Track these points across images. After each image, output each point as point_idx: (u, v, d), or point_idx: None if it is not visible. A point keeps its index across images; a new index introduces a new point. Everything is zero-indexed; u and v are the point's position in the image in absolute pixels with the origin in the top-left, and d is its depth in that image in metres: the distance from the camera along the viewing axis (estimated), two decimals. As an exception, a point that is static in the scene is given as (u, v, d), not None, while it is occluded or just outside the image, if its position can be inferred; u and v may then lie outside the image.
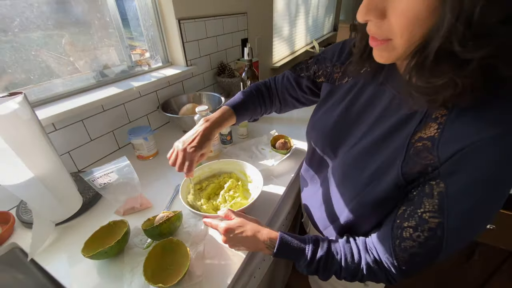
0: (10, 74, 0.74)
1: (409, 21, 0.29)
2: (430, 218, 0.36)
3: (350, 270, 0.45)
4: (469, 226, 0.35)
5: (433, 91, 0.31)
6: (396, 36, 0.32)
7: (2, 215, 0.66)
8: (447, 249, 0.37)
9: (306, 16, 2.89)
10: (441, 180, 0.34)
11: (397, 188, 0.39)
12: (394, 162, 0.39)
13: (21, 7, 0.73)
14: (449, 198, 0.34)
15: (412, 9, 0.29)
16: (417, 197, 0.37)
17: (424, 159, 0.35)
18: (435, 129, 0.35)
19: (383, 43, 0.34)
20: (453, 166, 0.33)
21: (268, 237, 0.48)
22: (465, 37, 0.26)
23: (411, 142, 0.37)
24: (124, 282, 0.52)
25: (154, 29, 1.10)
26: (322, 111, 0.58)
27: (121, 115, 0.95)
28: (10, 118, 0.53)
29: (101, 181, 0.63)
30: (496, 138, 0.30)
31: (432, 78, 0.30)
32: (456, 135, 0.33)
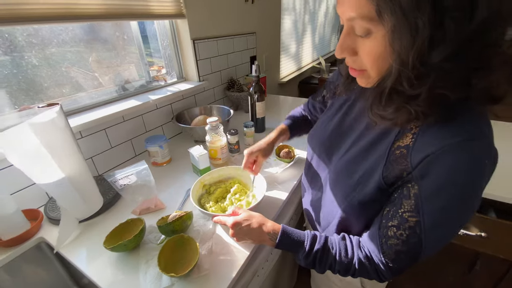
0: (45, 88, 0.85)
1: (374, 58, 0.37)
2: (409, 218, 0.41)
3: (343, 264, 0.49)
4: (443, 224, 0.39)
5: (390, 117, 0.38)
6: (368, 68, 0.39)
7: (32, 212, 0.74)
8: (426, 246, 0.41)
9: (313, 34, 3.01)
10: (415, 183, 0.39)
11: (380, 190, 0.44)
12: (377, 168, 0.44)
13: (59, 30, 0.85)
14: (423, 198, 0.39)
15: (373, 50, 0.36)
16: (398, 199, 0.42)
17: (401, 164, 0.41)
18: (410, 138, 0.41)
19: (360, 73, 0.42)
20: (422, 170, 0.38)
21: (272, 229, 0.54)
22: (410, 78, 0.33)
23: (391, 150, 0.43)
24: (140, 272, 0.58)
25: (170, 48, 1.21)
26: (321, 121, 0.66)
27: (139, 125, 1.04)
28: (48, 125, 0.61)
29: (121, 183, 0.70)
30: (458, 145, 0.35)
31: (386, 108, 0.38)
32: (424, 143, 0.38)
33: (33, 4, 0.70)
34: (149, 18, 1.02)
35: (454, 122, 0.36)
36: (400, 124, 0.39)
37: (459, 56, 0.31)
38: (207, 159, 0.87)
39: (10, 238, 0.66)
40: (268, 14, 1.83)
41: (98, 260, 0.62)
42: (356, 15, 0.35)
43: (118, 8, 0.89)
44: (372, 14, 0.33)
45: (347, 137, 0.55)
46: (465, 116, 0.36)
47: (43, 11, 0.72)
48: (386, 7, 0.31)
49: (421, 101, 0.35)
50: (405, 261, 0.44)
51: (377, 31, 0.35)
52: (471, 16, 0.29)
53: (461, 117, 0.36)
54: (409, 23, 0.30)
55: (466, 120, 0.36)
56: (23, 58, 0.77)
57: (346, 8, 0.36)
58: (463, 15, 0.29)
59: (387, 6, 0.31)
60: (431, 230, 0.40)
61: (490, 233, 0.84)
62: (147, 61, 1.15)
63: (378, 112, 0.40)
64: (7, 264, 0.66)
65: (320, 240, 0.52)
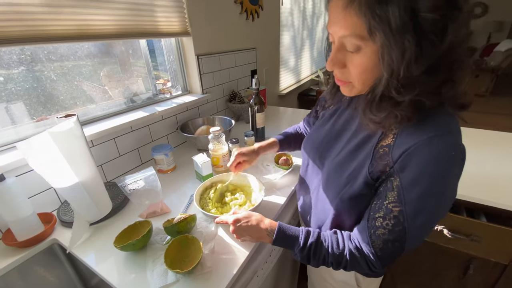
0: (61, 100, 0.92)
1: (361, 71, 0.44)
2: (393, 208, 0.46)
3: (335, 256, 0.53)
4: (422, 211, 0.44)
5: (379, 121, 0.45)
6: (354, 80, 0.46)
7: (46, 216, 0.79)
8: (410, 234, 0.46)
9: (311, 48, 3.13)
10: (396, 176, 0.45)
11: (367, 185, 0.49)
12: (364, 165, 0.50)
13: (75, 48, 0.93)
14: (403, 189, 0.44)
15: (362, 64, 0.43)
16: (383, 192, 0.48)
17: (384, 160, 0.46)
18: (391, 138, 0.47)
19: (345, 83, 0.49)
20: (402, 164, 0.44)
21: (269, 226, 0.59)
22: (398, 87, 0.40)
23: (375, 149, 0.49)
24: (147, 270, 0.62)
25: (176, 63, 1.30)
26: (313, 129, 0.72)
27: (145, 135, 1.11)
28: (66, 134, 0.67)
29: (130, 187, 0.75)
30: (428, 140, 0.41)
31: (377, 112, 0.44)
32: (402, 141, 0.44)
33: (54, 25, 0.78)
34: (157, 36, 1.10)
35: (426, 123, 0.43)
36: (387, 127, 0.45)
37: (433, 70, 0.38)
38: (209, 166, 0.92)
39: (26, 239, 0.71)
40: (268, 31, 1.93)
41: (108, 260, 0.67)
42: (349, 33, 0.41)
43: (129, 28, 0.98)
44: (364, 33, 0.39)
45: (337, 142, 0.61)
46: (436, 119, 0.43)
47: (62, 32, 0.80)
48: (378, 27, 0.37)
49: (404, 107, 0.41)
50: (392, 249, 0.48)
51: (367, 47, 0.41)
52: (442, 39, 0.36)
53: (432, 119, 0.43)
54: (398, 41, 0.37)
55: (436, 121, 0.43)
56: (43, 73, 0.85)
57: (339, 28, 0.42)
58: (436, 37, 0.36)
59: (379, 26, 0.37)
60: (412, 218, 0.45)
61: (481, 237, 0.88)
62: (154, 75, 1.23)
63: (370, 116, 0.46)
64: (21, 265, 0.70)
65: (314, 234, 0.56)
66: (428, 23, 0.35)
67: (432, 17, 0.35)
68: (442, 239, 0.93)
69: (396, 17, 0.35)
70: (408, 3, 0.35)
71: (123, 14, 0.94)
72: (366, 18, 0.38)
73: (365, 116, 0.47)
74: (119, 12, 0.93)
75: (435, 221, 0.47)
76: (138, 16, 0.99)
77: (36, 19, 0.73)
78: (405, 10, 0.35)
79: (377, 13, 0.36)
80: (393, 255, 0.49)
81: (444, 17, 0.35)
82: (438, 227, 0.91)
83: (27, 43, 0.74)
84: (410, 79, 0.39)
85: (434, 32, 0.36)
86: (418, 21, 0.36)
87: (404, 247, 0.48)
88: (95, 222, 0.77)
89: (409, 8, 0.35)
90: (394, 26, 0.36)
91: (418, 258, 1.06)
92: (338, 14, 0.42)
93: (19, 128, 0.83)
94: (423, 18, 0.35)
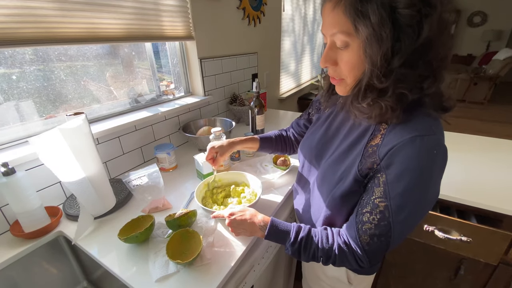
0: (69, 99, 0.96)
1: (350, 67, 0.48)
2: (379, 203, 0.49)
3: (325, 250, 0.56)
4: (406, 206, 0.47)
5: (366, 110, 0.49)
6: (346, 76, 0.50)
7: (52, 209, 0.82)
8: (395, 229, 0.48)
9: (311, 53, 3.19)
10: (383, 172, 0.48)
11: (356, 182, 0.53)
12: (354, 164, 0.53)
13: (84, 49, 0.97)
14: (389, 184, 0.47)
15: (351, 60, 0.48)
16: (370, 188, 0.51)
17: (372, 158, 0.50)
18: (379, 138, 0.50)
19: (339, 81, 0.53)
20: (387, 161, 0.47)
21: (262, 220, 0.62)
22: (379, 76, 0.44)
23: (365, 148, 0.53)
24: (149, 261, 0.65)
25: (179, 65, 1.34)
26: (310, 132, 0.75)
27: (149, 134, 1.14)
28: (75, 131, 0.71)
29: (134, 183, 0.79)
30: (411, 139, 0.45)
31: (363, 101, 0.48)
32: (389, 140, 0.48)
33: (66, 28, 0.82)
34: (162, 39, 1.15)
35: (411, 123, 0.47)
36: (374, 117, 0.49)
37: (412, 64, 0.43)
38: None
39: (32, 230, 0.74)
40: (269, 36, 1.98)
41: (111, 252, 0.70)
42: (337, 30, 0.46)
43: (136, 32, 1.02)
44: (350, 29, 0.45)
45: (332, 143, 0.64)
46: (420, 121, 0.47)
47: (73, 34, 0.84)
48: (360, 22, 0.43)
49: (388, 97, 0.45)
50: (378, 244, 0.51)
51: (353, 42, 0.46)
52: (419, 34, 0.41)
53: (415, 119, 0.47)
54: (376, 34, 0.42)
55: (420, 123, 0.46)
56: (53, 73, 0.89)
57: (330, 26, 0.48)
58: (413, 32, 0.41)
59: (361, 22, 0.42)
60: (397, 213, 0.48)
61: (471, 238, 0.91)
62: (158, 77, 1.27)
63: (356, 105, 0.50)
64: (25, 257, 0.73)
65: (304, 229, 0.59)
66: (405, 18, 0.40)
67: (409, 12, 0.40)
68: (434, 240, 0.96)
69: (374, 12, 0.41)
70: (387, 1, 0.40)
71: (130, 18, 0.98)
72: (350, 15, 0.43)
73: (352, 105, 0.51)
74: (127, 16, 0.97)
75: (418, 217, 0.50)
76: (145, 20, 1.04)
77: (49, 22, 0.78)
78: (383, 7, 0.40)
79: (360, 9, 0.42)
80: (379, 250, 0.52)
81: (419, 13, 0.40)
82: (429, 228, 0.95)
83: (40, 44, 0.78)
84: (390, 70, 0.43)
85: (411, 26, 0.41)
86: (396, 17, 0.41)
87: (389, 242, 0.50)
88: (99, 216, 0.81)
89: (388, 4, 0.40)
90: (373, 21, 0.41)
91: (411, 258, 1.08)
92: (328, 15, 0.47)
93: (29, 124, 0.86)
94: (400, 14, 0.40)
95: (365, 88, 0.47)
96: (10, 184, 0.69)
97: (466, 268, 0.97)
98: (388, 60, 0.43)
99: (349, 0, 0.43)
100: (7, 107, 0.81)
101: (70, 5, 0.81)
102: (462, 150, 1.20)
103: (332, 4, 0.46)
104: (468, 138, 1.33)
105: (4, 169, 0.68)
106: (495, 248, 0.89)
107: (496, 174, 1.01)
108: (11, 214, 0.77)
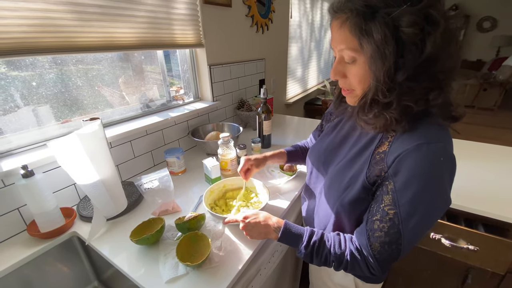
0: (85, 104, 1.00)
1: (359, 79, 0.50)
2: (389, 210, 0.50)
3: (337, 255, 0.57)
4: (415, 213, 0.48)
5: (371, 121, 0.50)
6: (356, 88, 0.52)
7: (67, 210, 0.86)
8: (405, 236, 0.49)
9: (318, 59, 3.21)
10: (391, 180, 0.49)
11: (364, 189, 0.54)
12: (362, 171, 0.54)
13: (100, 57, 1.01)
14: (397, 192, 0.48)
15: (358, 73, 0.50)
16: (379, 196, 0.52)
17: (379, 165, 0.51)
18: (386, 146, 0.52)
19: (349, 92, 0.55)
20: (395, 168, 0.48)
21: (276, 223, 0.64)
22: (383, 91, 0.46)
23: (373, 155, 0.54)
24: (159, 262, 0.67)
25: (189, 72, 1.37)
26: (318, 140, 0.77)
27: (159, 138, 1.18)
28: (91, 136, 0.74)
29: (146, 186, 0.81)
30: (418, 147, 0.46)
31: (368, 113, 0.50)
32: (396, 148, 0.49)
33: (83, 37, 0.86)
34: (173, 47, 1.19)
35: (417, 131, 0.48)
36: (379, 128, 0.51)
37: (417, 78, 0.45)
38: (218, 169, 0.98)
39: (48, 231, 0.77)
40: (276, 42, 2.01)
41: (123, 253, 0.72)
42: (345, 47, 0.49)
43: (149, 40, 1.06)
44: (356, 46, 0.47)
45: (340, 150, 0.66)
46: (426, 128, 0.48)
47: (90, 43, 0.88)
48: (365, 40, 0.45)
49: (393, 110, 0.47)
50: (389, 252, 0.51)
51: (360, 58, 0.48)
52: (422, 51, 0.43)
53: (422, 128, 0.48)
54: (380, 52, 0.44)
55: (427, 131, 0.48)
56: (70, 79, 0.93)
57: (338, 42, 0.50)
58: (416, 49, 0.43)
59: (365, 39, 0.45)
60: (406, 220, 0.48)
61: (479, 247, 0.90)
62: (168, 82, 1.31)
63: (362, 117, 0.52)
64: (41, 255, 0.76)
65: (318, 233, 0.60)
66: (408, 37, 0.42)
67: (412, 31, 0.41)
68: (441, 248, 0.96)
69: (378, 31, 0.43)
70: (390, 20, 0.42)
71: (143, 27, 1.02)
72: (355, 33, 0.46)
73: (358, 117, 0.53)
74: (140, 25, 1.01)
75: (429, 224, 0.50)
76: (157, 29, 1.08)
77: (69, 31, 0.82)
78: (386, 26, 0.42)
79: (364, 28, 0.44)
80: (390, 257, 0.52)
81: (422, 31, 0.42)
82: (436, 236, 0.94)
83: (60, 53, 0.82)
84: (394, 84, 0.45)
85: (414, 44, 0.42)
86: (399, 35, 0.42)
87: (400, 250, 0.50)
88: (111, 218, 0.83)
89: (391, 23, 0.42)
90: (377, 39, 0.43)
91: (418, 266, 1.08)
92: (336, 32, 0.50)
93: (46, 128, 0.90)
94: (403, 32, 0.42)
95: (371, 101, 0.49)
96: (29, 186, 0.73)
97: (473, 277, 0.96)
98: (391, 76, 0.45)
99: (354, 19, 0.45)
100: (26, 112, 0.85)
101: (88, 16, 0.85)
102: (471, 158, 1.20)
103: (339, 22, 0.48)
104: (477, 146, 1.32)
105: (23, 172, 0.72)
106: (502, 257, 0.88)
107: (506, 182, 1.01)
108: (28, 215, 0.81)
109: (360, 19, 0.44)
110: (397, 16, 0.42)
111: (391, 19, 0.42)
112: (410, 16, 0.41)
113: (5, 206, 0.76)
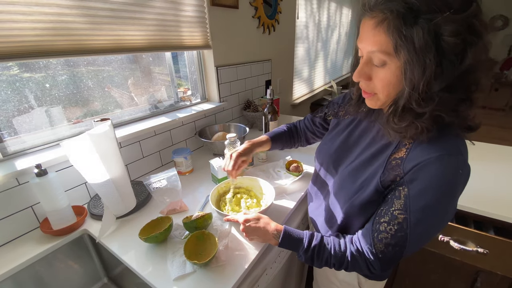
0: (96, 105, 1.02)
1: (385, 84, 0.48)
2: (398, 215, 0.50)
3: (338, 257, 0.57)
4: (424, 221, 0.48)
5: (402, 130, 0.49)
6: (379, 92, 0.50)
7: (78, 208, 0.88)
8: (410, 241, 0.50)
9: (325, 59, 3.19)
10: (405, 186, 0.49)
11: (377, 192, 0.54)
12: (376, 175, 0.54)
13: (110, 59, 1.03)
14: (410, 198, 0.48)
15: (387, 78, 0.47)
16: (390, 199, 0.52)
17: (395, 171, 0.51)
18: (404, 152, 0.51)
19: (370, 95, 0.53)
20: (412, 176, 0.48)
21: (275, 229, 0.64)
22: (418, 100, 0.44)
23: (388, 160, 0.53)
24: (167, 260, 0.69)
25: (197, 73, 1.39)
26: (328, 138, 0.76)
27: (167, 139, 1.20)
28: (102, 136, 0.76)
29: (154, 185, 0.83)
30: (439, 158, 0.46)
31: (400, 122, 0.48)
32: (415, 156, 0.48)
33: (95, 40, 0.88)
34: (181, 49, 1.20)
35: (439, 141, 0.47)
36: (408, 137, 0.49)
37: (452, 88, 0.43)
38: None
39: (60, 228, 0.80)
40: (283, 43, 2.02)
41: (132, 250, 0.74)
42: (377, 49, 0.46)
43: (157, 42, 1.08)
44: (390, 50, 0.44)
45: (352, 151, 0.66)
46: (447, 139, 0.47)
47: (101, 46, 0.90)
48: (403, 46, 0.42)
49: (425, 119, 0.45)
50: (392, 253, 0.52)
51: (392, 63, 0.45)
52: (462, 61, 0.41)
53: (444, 139, 0.47)
54: (420, 60, 0.41)
55: (447, 142, 0.47)
56: (82, 81, 0.95)
57: (369, 43, 0.47)
58: (456, 58, 0.41)
59: (404, 45, 0.42)
60: (415, 226, 0.49)
61: (489, 250, 0.89)
62: (176, 83, 1.32)
63: (393, 126, 0.49)
64: (53, 252, 0.79)
65: (317, 237, 0.61)
66: (449, 46, 0.40)
67: (454, 41, 0.39)
68: (449, 251, 0.95)
69: (420, 38, 0.40)
70: (432, 26, 0.39)
71: (152, 30, 1.04)
72: (393, 37, 0.43)
73: (388, 124, 0.50)
74: (150, 28, 1.03)
75: (435, 231, 0.51)
76: (166, 31, 1.09)
77: (80, 34, 0.84)
78: (428, 33, 0.39)
79: (404, 33, 0.41)
80: (392, 258, 0.53)
81: (464, 42, 0.40)
82: (444, 238, 0.93)
83: (72, 55, 0.84)
84: (430, 94, 0.43)
85: (455, 54, 0.40)
86: (440, 44, 0.40)
87: (403, 252, 0.52)
88: (121, 216, 0.85)
89: (433, 31, 0.39)
90: (417, 46, 0.40)
91: (425, 269, 1.07)
92: (369, 32, 0.46)
93: (58, 128, 0.93)
94: (445, 41, 0.40)
95: (402, 109, 0.47)
96: (43, 184, 0.75)
97: (482, 280, 0.95)
98: (430, 85, 0.42)
99: (394, 22, 0.42)
100: (40, 113, 0.88)
101: (99, 19, 0.87)
102: (481, 159, 1.17)
103: (374, 22, 0.45)
104: (488, 147, 1.30)
105: (37, 170, 0.74)
106: (513, 261, 0.87)
107: (516, 185, 0.99)
108: (41, 212, 0.83)
109: (400, 21, 0.41)
110: (439, 23, 0.39)
111: (434, 25, 0.39)
112: (453, 24, 0.39)
113: (20, 204, 0.79)
